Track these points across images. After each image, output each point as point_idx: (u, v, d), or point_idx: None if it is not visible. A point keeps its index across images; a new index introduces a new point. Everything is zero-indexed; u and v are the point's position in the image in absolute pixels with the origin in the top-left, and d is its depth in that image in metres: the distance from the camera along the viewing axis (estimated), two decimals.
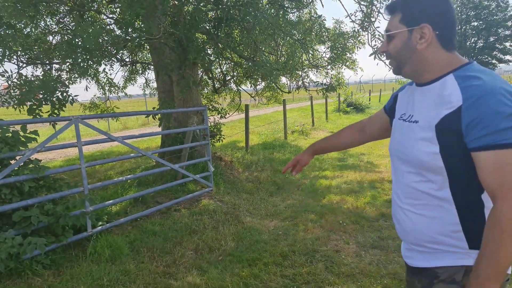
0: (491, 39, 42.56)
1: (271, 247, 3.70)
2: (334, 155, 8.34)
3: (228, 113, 7.39)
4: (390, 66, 1.32)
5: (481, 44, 43.32)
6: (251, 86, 6.72)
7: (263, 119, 14.04)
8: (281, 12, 6.44)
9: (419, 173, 1.21)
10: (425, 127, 1.17)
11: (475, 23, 42.61)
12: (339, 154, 8.45)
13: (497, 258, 1.02)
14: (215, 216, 4.49)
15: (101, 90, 7.56)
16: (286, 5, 6.80)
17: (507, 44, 42.03)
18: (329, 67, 8.25)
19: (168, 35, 5.32)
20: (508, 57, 42.93)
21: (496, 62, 43.57)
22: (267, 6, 6.52)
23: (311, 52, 7.77)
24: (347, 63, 8.28)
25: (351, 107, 17.98)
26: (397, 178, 1.32)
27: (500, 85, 1.06)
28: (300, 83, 8.34)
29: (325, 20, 6.99)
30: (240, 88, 7.69)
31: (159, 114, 5.75)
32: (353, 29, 7.24)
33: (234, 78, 7.52)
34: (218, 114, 7.11)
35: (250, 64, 6.34)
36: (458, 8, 42.36)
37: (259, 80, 6.89)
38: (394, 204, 1.36)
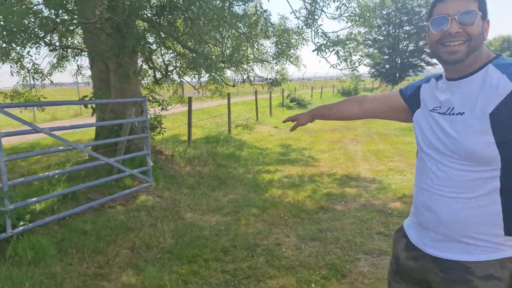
0: (421, 43, 46.00)
1: (212, 242, 3.63)
2: (277, 150, 8.45)
3: (170, 105, 7.13)
4: (455, 52, 1.20)
5: (412, 48, 46.62)
6: (194, 78, 6.52)
7: (207, 113, 13.84)
8: (227, 4, 6.34)
9: (470, 165, 1.17)
10: (476, 118, 1.14)
11: (407, 28, 45.73)
12: (282, 148, 8.58)
13: None
14: (153, 213, 4.30)
15: (23, 76, 6.85)
16: None
17: None
18: (274, 62, 8.31)
19: (105, 20, 4.97)
20: (434, 60, 46.66)
21: (424, 64, 47.22)
22: None
23: (256, 46, 7.76)
24: (291, 59, 8.41)
25: (294, 103, 18.40)
26: (435, 169, 1.26)
27: None
28: (245, 76, 8.31)
29: (270, 15, 7.02)
30: (183, 80, 7.45)
31: (93, 104, 5.37)
32: (298, 25, 7.34)
33: (177, 69, 7.27)
34: (159, 106, 6.84)
35: (194, 55, 6.16)
36: (393, 13, 45.15)
37: (203, 72, 6.72)
38: (427, 193, 1.29)
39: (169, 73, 7.18)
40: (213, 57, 6.08)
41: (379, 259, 3.28)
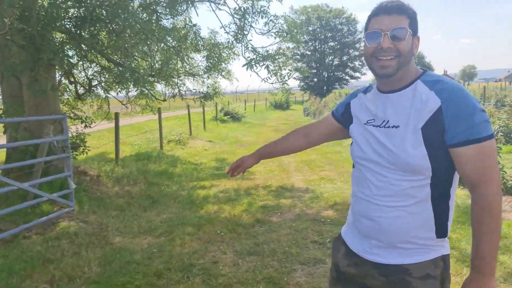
0: (344, 58, 49.33)
1: (145, 267, 3.41)
2: (212, 164, 8.33)
3: (94, 122, 6.68)
4: (386, 67, 1.25)
5: (337, 62, 49.83)
6: (120, 92, 6.20)
7: (137, 128, 13.26)
8: (154, 17, 6.16)
9: (404, 175, 1.24)
10: (410, 131, 1.22)
11: (332, 43, 48.82)
12: (217, 163, 8.48)
13: (497, 235, 1.16)
14: (76, 240, 3.93)
15: None
16: (160, 11, 6.54)
17: (356, 63, 49.28)
18: (205, 75, 8.24)
19: (17, 31, 4.53)
20: (357, 74, 50.30)
21: (348, 78, 50.66)
22: (139, 9, 6.15)
23: (186, 60, 7.63)
24: (223, 73, 8.41)
25: (228, 116, 18.45)
26: (374, 180, 1.31)
27: (462, 86, 1.22)
28: (176, 91, 8.11)
29: (200, 29, 6.96)
30: (109, 95, 7.05)
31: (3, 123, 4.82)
32: (228, 40, 7.38)
33: (102, 84, 6.86)
34: (81, 123, 6.36)
35: (120, 69, 5.86)
36: (318, 29, 47.92)
37: (131, 86, 6.42)
38: (366, 203, 1.34)
39: (93, 88, 6.74)
40: (141, 70, 5.83)
41: (315, 268, 3.33)
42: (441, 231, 1.27)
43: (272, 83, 6.63)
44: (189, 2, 6.32)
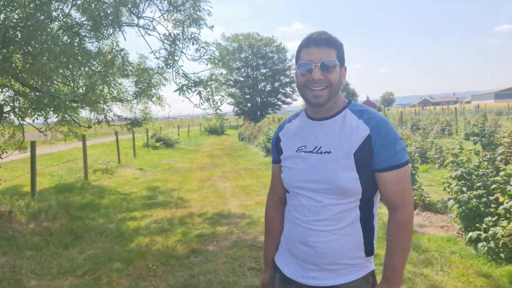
0: (276, 84, 51.28)
1: None
2: (144, 193, 7.93)
3: (6, 152, 6.02)
4: (318, 97, 1.31)
5: (269, 88, 51.57)
6: (37, 119, 5.68)
7: (57, 158, 12.23)
8: (77, 41, 5.83)
9: (338, 198, 1.30)
10: (343, 156, 1.29)
11: (264, 70, 50.59)
12: (148, 192, 8.09)
13: (407, 250, 1.32)
14: None
15: None
16: (83, 34, 6.22)
17: (287, 89, 51.50)
18: (134, 101, 7.94)
19: None
20: (288, 99, 52.47)
21: (280, 103, 52.59)
22: (59, 32, 5.78)
23: (114, 85, 7.30)
24: (153, 99, 8.17)
25: (161, 142, 17.90)
26: (311, 204, 1.34)
27: (385, 117, 1.34)
28: (102, 117, 7.67)
29: (128, 53, 6.74)
30: (25, 122, 6.42)
31: None
32: (158, 65, 7.23)
33: (16, 110, 6.24)
34: None
35: (37, 94, 5.40)
36: (250, 56, 49.46)
37: (51, 112, 5.93)
38: (302, 228, 1.36)
39: (5, 115, 6.10)
40: (62, 96, 5.43)
41: None
42: (370, 250, 1.36)
43: (204, 109, 6.59)
44: (116, 26, 6.12)
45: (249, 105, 50.44)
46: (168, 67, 6.82)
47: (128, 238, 4.97)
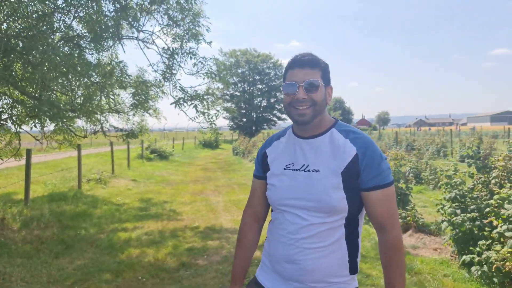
0: (272, 100, 51.69)
1: None
2: (136, 205, 7.93)
3: (2, 159, 6.04)
4: (303, 115, 1.35)
5: (265, 104, 51.95)
6: (35, 127, 5.72)
7: (52, 166, 12.19)
8: (77, 52, 5.94)
9: (324, 216, 1.32)
10: (331, 175, 1.32)
11: (260, 86, 51.07)
12: (141, 203, 8.10)
13: (404, 270, 1.34)
14: None
15: None
16: (84, 45, 6.34)
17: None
18: (131, 113, 8.02)
19: None
20: (284, 115, 52.84)
21: (276, 119, 52.89)
22: (60, 42, 5.90)
23: (111, 96, 7.39)
24: (150, 111, 8.26)
25: (155, 154, 17.90)
26: (297, 223, 1.35)
27: (370, 137, 1.39)
28: (98, 127, 7.73)
29: (126, 66, 6.86)
30: (21, 129, 6.46)
31: None
32: (156, 78, 7.35)
33: (14, 117, 6.29)
34: None
35: (36, 102, 5.46)
36: (247, 72, 49.98)
37: (48, 121, 5.99)
38: (288, 246, 1.36)
39: (2, 122, 6.15)
40: (61, 105, 5.50)
41: None
42: (354, 268, 1.38)
43: (200, 123, 6.68)
44: (116, 39, 6.25)
45: (244, 120, 50.69)
46: (166, 80, 6.94)
47: (119, 249, 4.97)
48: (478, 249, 3.85)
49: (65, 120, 6.03)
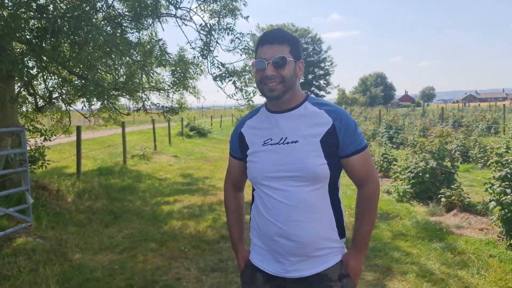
0: (310, 76, 50.72)
1: (105, 284, 3.33)
2: (177, 180, 8.25)
3: (55, 135, 6.46)
4: (273, 90, 1.38)
5: (302, 80, 51.11)
6: (84, 106, 6.06)
7: (99, 142, 12.89)
8: (119, 31, 6.12)
9: (309, 185, 1.37)
10: (310, 144, 1.37)
11: None
12: (182, 178, 8.41)
13: (374, 220, 1.48)
14: (34, 256, 3.76)
15: None
16: (125, 24, 6.51)
17: (321, 81, 50.80)
18: (171, 91, 8.22)
19: None
20: (322, 92, 51.83)
21: (313, 96, 52.01)
22: (103, 22, 6.10)
23: (152, 74, 7.60)
24: (189, 89, 8.42)
25: (194, 132, 18.34)
26: (284, 196, 1.38)
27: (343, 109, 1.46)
28: (140, 105, 8.02)
29: (166, 44, 6.98)
30: (71, 108, 6.86)
31: None
32: (194, 56, 7.44)
33: (63, 96, 6.67)
34: (41, 136, 6.15)
35: (83, 81, 5.75)
36: None
37: (94, 99, 6.30)
38: (278, 223, 1.38)
39: (53, 101, 6.55)
40: (105, 84, 5.75)
41: None
42: (342, 232, 1.46)
43: (237, 100, 6.74)
44: (155, 17, 6.35)
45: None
46: (204, 57, 7.00)
47: (162, 220, 5.24)
48: None
49: (109, 98, 6.31)
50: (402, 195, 6.00)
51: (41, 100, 6.69)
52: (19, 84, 5.94)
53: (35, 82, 6.52)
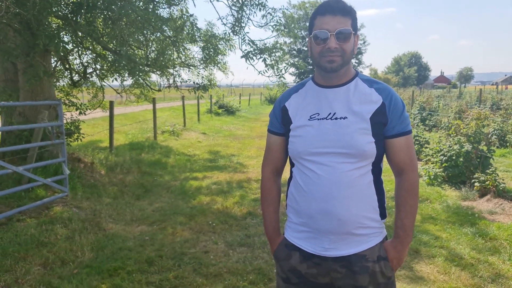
0: None
1: (136, 254, 3.46)
2: (206, 156, 8.37)
3: (89, 110, 6.67)
4: (333, 62, 1.33)
5: None
6: (116, 81, 6.20)
7: (131, 118, 13.22)
8: (151, 6, 6.13)
9: (355, 162, 1.33)
10: (359, 121, 1.33)
11: None
12: (210, 155, 8.52)
13: (416, 211, 1.41)
14: (70, 225, 3.96)
15: None
16: (157, 0, 6.51)
17: (353, 60, 49.33)
18: (201, 67, 8.23)
19: (13, 15, 4.50)
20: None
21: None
22: None
23: (182, 50, 7.62)
24: (219, 65, 8.41)
25: (223, 109, 18.43)
26: (327, 172, 1.33)
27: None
28: (171, 81, 8.10)
29: (197, 19, 6.94)
30: (105, 83, 7.03)
31: None
32: (225, 32, 7.38)
33: (97, 72, 6.83)
34: (76, 110, 6.36)
35: (115, 57, 5.85)
36: None
37: (127, 75, 6.41)
38: (321, 200, 1.33)
39: (88, 76, 6.72)
40: (137, 59, 5.83)
41: None
42: (383, 213, 1.42)
43: (268, 76, 6.66)
44: None
45: (311, 76, 49.43)
46: (235, 33, 6.92)
47: (191, 195, 5.36)
48: None
49: (141, 74, 6.41)
50: (433, 179, 5.83)
51: (76, 75, 6.89)
52: (55, 58, 6.12)
53: (70, 57, 6.69)
